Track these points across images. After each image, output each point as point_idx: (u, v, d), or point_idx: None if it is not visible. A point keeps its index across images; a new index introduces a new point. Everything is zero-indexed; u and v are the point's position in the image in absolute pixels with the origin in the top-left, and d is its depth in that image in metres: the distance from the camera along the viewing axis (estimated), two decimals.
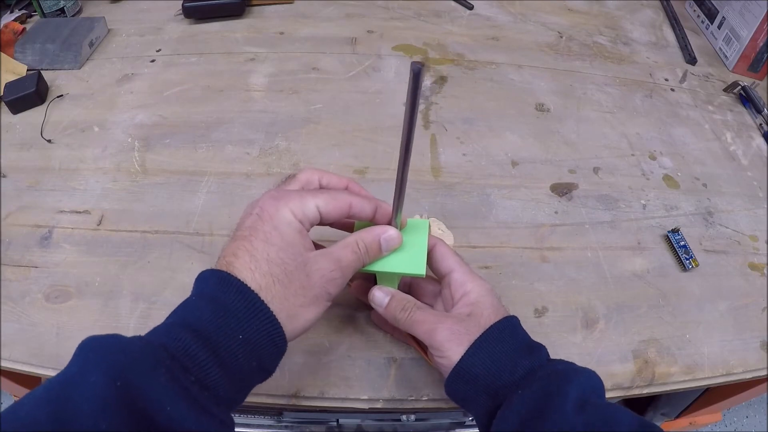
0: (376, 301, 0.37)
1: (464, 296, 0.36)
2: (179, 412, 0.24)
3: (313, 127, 0.59)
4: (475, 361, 0.32)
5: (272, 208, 0.31)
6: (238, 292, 0.28)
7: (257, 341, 0.28)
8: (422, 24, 0.76)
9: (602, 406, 0.30)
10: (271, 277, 0.29)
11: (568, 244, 0.50)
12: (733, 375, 0.43)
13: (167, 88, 0.63)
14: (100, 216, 0.50)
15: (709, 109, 0.67)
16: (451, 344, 0.33)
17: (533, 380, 0.31)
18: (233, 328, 0.28)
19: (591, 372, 0.32)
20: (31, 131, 0.57)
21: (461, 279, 0.37)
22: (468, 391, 0.33)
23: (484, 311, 0.35)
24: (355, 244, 0.33)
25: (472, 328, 0.34)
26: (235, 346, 0.27)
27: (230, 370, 0.27)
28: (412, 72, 0.24)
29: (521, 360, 0.32)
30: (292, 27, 0.73)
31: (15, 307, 0.43)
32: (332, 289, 0.32)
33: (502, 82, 0.67)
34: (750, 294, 0.48)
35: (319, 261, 0.32)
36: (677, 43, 0.77)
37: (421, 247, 0.36)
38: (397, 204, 0.34)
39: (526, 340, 0.35)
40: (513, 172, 0.56)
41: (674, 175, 0.57)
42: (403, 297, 0.37)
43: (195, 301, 0.29)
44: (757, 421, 1.17)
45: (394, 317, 0.36)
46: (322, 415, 0.69)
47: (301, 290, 0.30)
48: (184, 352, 0.26)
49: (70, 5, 0.73)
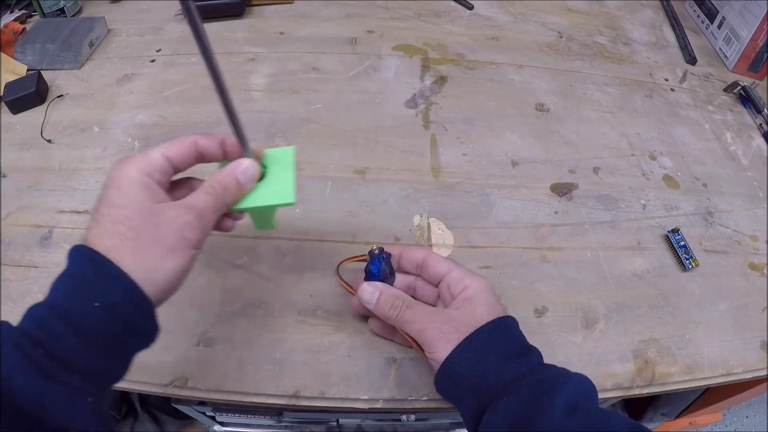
0: (365, 297, 0.37)
1: (462, 291, 0.36)
2: (23, 383, 0.24)
3: (313, 127, 0.59)
4: (461, 361, 0.32)
5: (115, 172, 0.30)
6: (87, 258, 0.28)
7: (114, 304, 0.27)
8: (422, 24, 0.76)
9: (593, 411, 0.29)
10: (118, 236, 0.28)
11: (568, 244, 0.50)
12: (733, 375, 0.43)
13: (167, 88, 0.63)
14: None
15: (709, 109, 0.67)
16: (440, 343, 0.33)
17: (521, 386, 0.31)
18: (86, 296, 0.27)
19: (582, 377, 0.32)
20: (31, 131, 0.57)
21: (459, 276, 0.37)
22: (455, 390, 0.33)
23: (477, 309, 0.34)
24: (209, 186, 0.32)
25: (462, 326, 0.34)
26: (90, 312, 0.27)
27: (90, 338, 0.27)
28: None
29: (509, 363, 0.32)
30: (292, 27, 0.73)
31: (15, 307, 0.43)
32: (189, 234, 0.30)
33: (502, 82, 0.67)
34: (750, 294, 0.48)
35: (169, 209, 0.30)
36: (677, 43, 0.77)
37: (287, 175, 0.35)
38: (238, 135, 0.32)
39: (519, 342, 0.35)
40: (513, 172, 0.56)
41: (674, 175, 0.57)
42: (392, 293, 0.37)
43: (57, 279, 0.29)
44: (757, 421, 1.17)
45: (385, 315, 0.36)
46: (322, 415, 0.69)
47: (153, 242, 0.29)
48: (38, 327, 0.26)
49: (70, 5, 0.73)
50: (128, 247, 0.28)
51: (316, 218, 0.50)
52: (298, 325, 0.43)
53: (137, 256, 0.28)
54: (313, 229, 0.49)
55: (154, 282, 0.29)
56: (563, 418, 0.28)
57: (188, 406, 0.64)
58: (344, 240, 0.48)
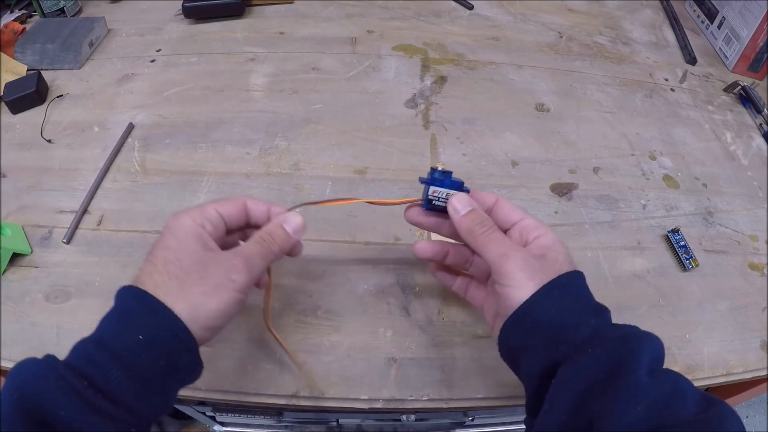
0: (455, 206, 0.35)
1: (537, 239, 0.34)
2: (70, 414, 0.26)
3: (313, 127, 0.59)
4: (545, 306, 0.31)
5: (172, 221, 0.33)
6: (134, 296, 0.30)
7: (158, 337, 0.28)
8: (422, 24, 0.76)
9: (669, 373, 0.29)
10: (166, 275, 0.30)
11: (568, 244, 0.49)
12: (733, 375, 0.43)
13: (167, 88, 0.63)
14: (100, 216, 0.50)
15: (709, 109, 0.67)
16: (522, 274, 0.31)
17: (603, 341, 0.29)
18: (132, 331, 0.28)
19: (655, 337, 0.31)
20: (31, 131, 0.57)
21: (534, 224, 0.35)
22: (524, 338, 0.31)
23: (558, 257, 0.33)
24: (257, 235, 0.34)
25: (546, 267, 0.32)
26: (136, 346, 0.28)
27: (135, 371, 0.28)
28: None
29: (588, 318, 0.31)
30: (292, 27, 0.73)
31: (15, 307, 0.43)
32: (234, 275, 0.31)
33: (502, 82, 0.67)
34: (750, 294, 0.48)
35: (218, 253, 0.32)
36: (677, 43, 0.77)
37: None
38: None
39: (592, 298, 0.33)
40: (513, 172, 0.56)
41: (674, 175, 0.57)
42: (484, 214, 0.35)
43: (104, 316, 0.30)
44: (757, 421, 1.17)
45: (470, 229, 0.34)
46: (322, 415, 0.69)
47: (198, 281, 0.30)
48: (85, 361, 0.27)
49: (70, 5, 0.73)
50: (174, 284, 0.30)
51: (316, 218, 0.50)
52: (298, 325, 0.43)
53: (182, 293, 0.30)
54: (313, 229, 0.49)
55: (197, 319, 0.30)
56: (648, 377, 0.28)
57: (188, 406, 0.64)
58: (344, 240, 0.48)
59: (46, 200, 0.51)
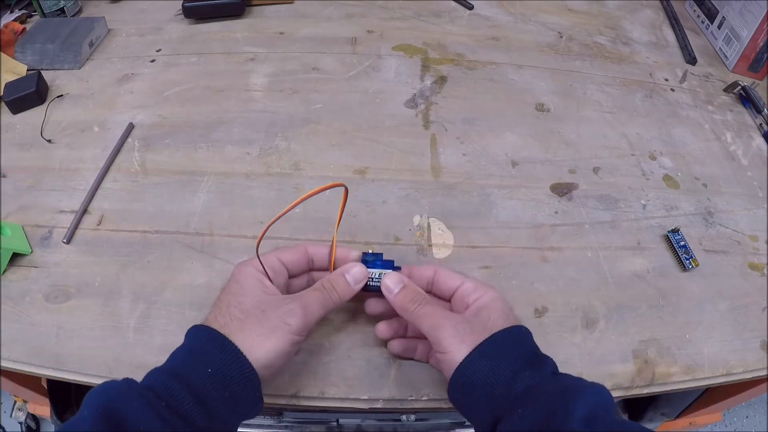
0: (388, 285, 0.37)
1: (476, 300, 0.36)
2: (149, 425, 0.28)
3: (313, 127, 0.59)
4: (476, 368, 0.32)
5: (237, 270, 0.37)
6: (203, 333, 0.33)
7: (224, 371, 0.31)
8: (422, 24, 0.76)
9: (612, 422, 0.29)
10: (230, 316, 0.34)
11: (568, 244, 0.50)
12: (733, 375, 0.43)
13: (167, 88, 0.63)
14: (100, 216, 0.50)
15: (709, 109, 0.67)
16: (453, 341, 0.33)
17: (537, 396, 0.30)
18: (202, 365, 0.32)
19: (599, 387, 0.31)
20: (31, 131, 0.57)
21: (472, 286, 0.37)
22: (467, 399, 0.33)
23: (492, 314, 0.35)
24: (319, 283, 0.37)
25: (477, 328, 0.33)
26: (205, 378, 0.31)
27: (204, 401, 0.31)
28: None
29: (523, 372, 0.32)
30: (292, 27, 0.73)
31: (15, 307, 0.43)
32: (290, 319, 0.34)
33: (502, 82, 0.67)
34: (750, 294, 0.48)
35: (278, 298, 0.35)
36: (677, 43, 0.77)
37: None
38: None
39: (533, 350, 0.34)
40: (513, 172, 0.56)
41: (674, 175, 0.57)
42: (415, 288, 0.37)
43: (175, 351, 0.34)
44: (757, 421, 1.17)
45: (403, 306, 0.36)
46: (322, 415, 0.69)
47: (257, 323, 0.33)
48: (161, 386, 0.30)
49: (70, 5, 0.73)
50: (236, 325, 0.33)
51: (316, 218, 0.50)
52: None
53: (242, 333, 0.33)
54: (313, 229, 0.49)
55: (255, 357, 0.32)
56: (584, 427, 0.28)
57: None
58: (344, 240, 0.48)
59: (46, 200, 0.51)
